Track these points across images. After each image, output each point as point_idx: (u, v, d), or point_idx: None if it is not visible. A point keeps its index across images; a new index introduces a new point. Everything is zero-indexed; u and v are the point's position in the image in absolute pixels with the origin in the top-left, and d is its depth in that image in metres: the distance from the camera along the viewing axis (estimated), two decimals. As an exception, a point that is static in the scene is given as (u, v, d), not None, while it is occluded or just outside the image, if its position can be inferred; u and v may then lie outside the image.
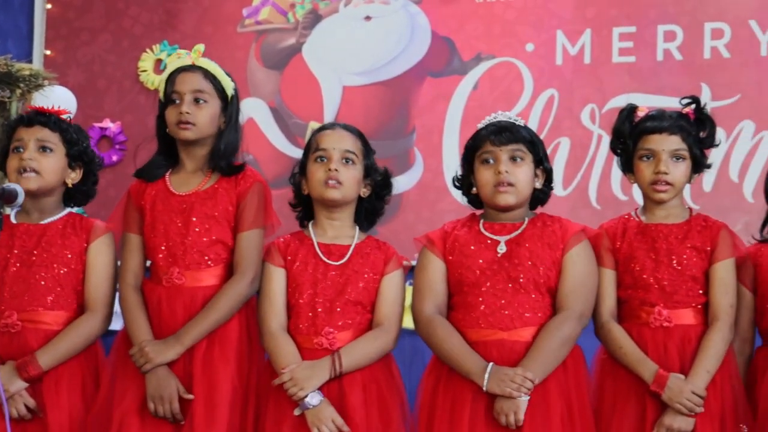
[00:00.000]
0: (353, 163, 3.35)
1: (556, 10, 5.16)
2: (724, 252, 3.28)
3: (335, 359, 3.23)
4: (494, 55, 5.23)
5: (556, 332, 3.17)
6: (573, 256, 3.25)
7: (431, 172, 5.25)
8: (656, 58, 5.04)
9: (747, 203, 4.80)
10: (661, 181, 3.28)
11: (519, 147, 3.25)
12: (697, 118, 3.34)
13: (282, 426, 3.23)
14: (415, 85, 5.32)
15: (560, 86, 5.14)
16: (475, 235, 3.29)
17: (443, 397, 3.19)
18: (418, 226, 4.92)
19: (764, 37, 4.93)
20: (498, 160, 3.25)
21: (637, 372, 3.20)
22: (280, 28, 5.51)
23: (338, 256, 3.36)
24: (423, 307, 3.28)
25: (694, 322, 3.25)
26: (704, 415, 3.16)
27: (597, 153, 5.07)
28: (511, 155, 3.25)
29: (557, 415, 3.13)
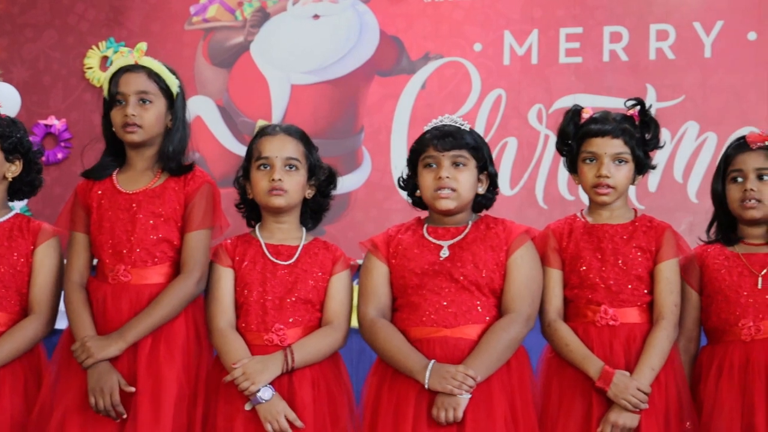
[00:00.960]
0: (296, 168, 3.35)
1: (503, 11, 5.19)
2: (668, 252, 3.30)
3: (287, 354, 3.23)
4: (442, 55, 5.25)
5: (502, 334, 3.18)
6: (517, 259, 3.26)
7: (379, 171, 5.26)
8: (602, 59, 5.09)
9: (691, 203, 4.86)
10: (602, 185, 3.31)
11: (461, 153, 3.26)
12: (641, 120, 3.37)
13: (234, 422, 3.21)
14: (364, 84, 5.32)
15: (508, 86, 5.17)
16: (418, 239, 3.30)
17: (387, 397, 3.19)
18: (366, 225, 4.94)
19: (708, 39, 4.99)
20: (440, 165, 3.25)
21: (584, 369, 3.22)
22: (228, 26, 5.49)
23: (287, 256, 3.35)
24: (366, 310, 3.28)
25: (639, 320, 3.28)
26: (648, 412, 3.18)
27: (544, 153, 5.10)
28: (454, 161, 3.25)
29: (500, 415, 3.14)
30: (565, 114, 3.41)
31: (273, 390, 3.19)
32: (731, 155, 3.38)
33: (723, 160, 3.41)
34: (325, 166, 3.44)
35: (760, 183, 3.31)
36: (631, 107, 3.37)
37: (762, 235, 3.36)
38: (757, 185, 3.31)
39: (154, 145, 3.39)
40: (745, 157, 3.34)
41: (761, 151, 3.34)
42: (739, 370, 3.23)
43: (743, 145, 3.37)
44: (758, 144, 3.35)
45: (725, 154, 3.42)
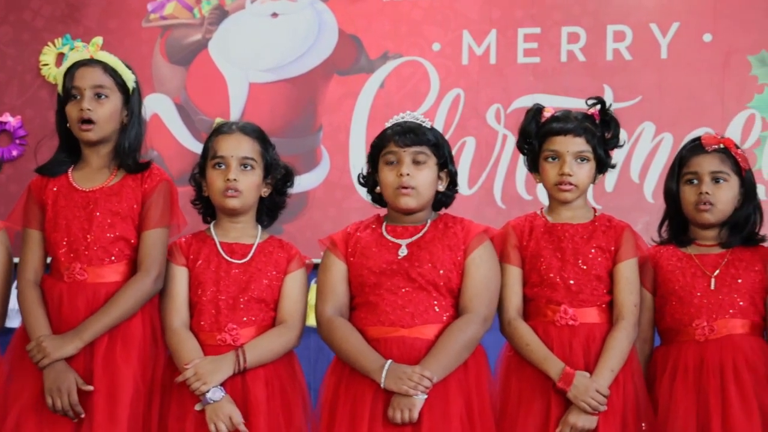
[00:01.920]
0: (252, 168, 3.34)
1: (462, 11, 5.20)
2: (627, 252, 3.32)
3: (239, 354, 3.22)
4: (401, 54, 5.25)
5: (459, 334, 3.18)
6: (476, 259, 3.26)
7: (338, 170, 5.25)
8: (560, 59, 5.11)
9: (647, 203, 4.89)
10: (565, 182, 3.32)
11: (423, 149, 3.26)
12: (602, 119, 3.39)
13: (184, 422, 3.20)
14: (322, 83, 5.31)
15: (466, 86, 5.18)
16: (377, 237, 3.29)
17: (344, 396, 3.19)
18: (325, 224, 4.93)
19: (664, 40, 5.03)
20: (401, 161, 3.25)
21: (543, 369, 3.23)
22: (186, 23, 5.46)
23: (241, 255, 3.34)
24: (324, 308, 3.28)
25: (599, 320, 3.29)
26: (607, 413, 3.19)
27: (502, 153, 5.12)
28: (414, 158, 3.25)
29: (456, 415, 3.14)
30: (526, 113, 3.43)
31: (223, 391, 3.19)
32: (686, 157, 3.41)
33: (677, 161, 3.44)
34: (282, 165, 3.43)
35: (714, 186, 3.34)
36: (591, 106, 3.39)
37: (714, 237, 3.39)
38: (712, 188, 3.33)
39: (109, 141, 3.37)
40: (700, 159, 3.37)
41: (716, 153, 3.37)
42: (694, 370, 3.26)
43: (698, 147, 3.39)
44: (713, 146, 3.38)
45: (680, 155, 3.44)
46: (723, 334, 3.26)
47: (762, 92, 4.93)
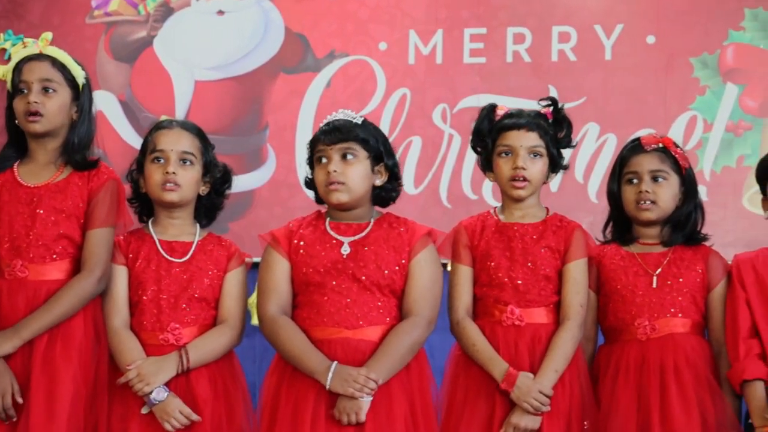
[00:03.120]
0: (191, 163, 3.31)
1: (408, 10, 5.21)
2: (577, 252, 3.34)
3: (182, 354, 3.20)
4: (348, 53, 5.26)
5: (405, 337, 3.17)
6: (420, 261, 3.25)
7: (284, 168, 5.24)
8: (506, 60, 5.14)
9: (591, 204, 4.93)
10: (518, 177, 3.33)
11: (350, 145, 3.22)
12: (554, 118, 3.41)
13: (128, 423, 3.18)
14: (269, 82, 5.30)
15: (412, 85, 5.19)
16: (320, 234, 3.27)
17: (286, 396, 3.16)
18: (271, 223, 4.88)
19: (609, 41, 5.08)
20: (329, 159, 3.24)
21: (488, 370, 3.23)
22: (131, 20, 5.42)
23: (181, 253, 3.31)
24: (267, 306, 3.24)
25: (546, 321, 3.31)
26: (552, 414, 3.20)
27: (448, 152, 5.14)
28: (342, 153, 3.24)
29: (400, 416, 3.13)
30: (480, 112, 3.43)
31: (167, 390, 3.17)
32: (626, 157, 3.44)
33: (618, 161, 3.47)
34: (221, 165, 3.42)
35: (654, 185, 3.37)
36: (545, 106, 3.41)
37: (656, 235, 3.42)
38: (652, 187, 3.37)
39: (57, 137, 3.33)
40: (640, 159, 3.40)
41: (655, 153, 3.40)
42: (635, 369, 3.28)
43: (638, 147, 3.43)
44: (652, 146, 3.41)
45: (620, 155, 3.47)
46: (664, 333, 3.29)
47: (704, 94, 4.99)
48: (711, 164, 4.95)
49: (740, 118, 4.96)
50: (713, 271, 3.37)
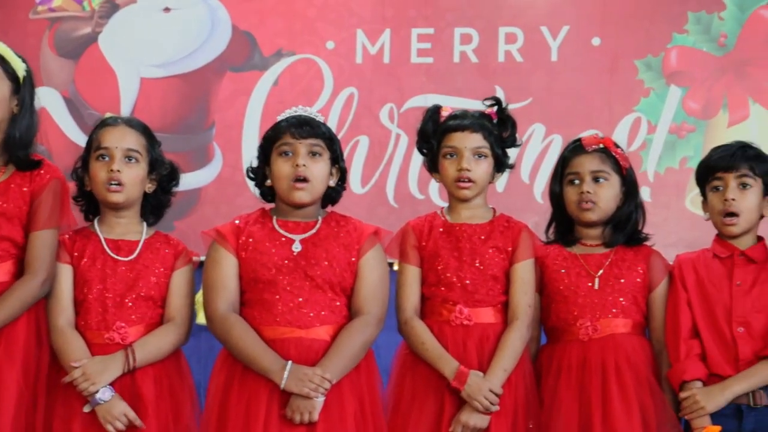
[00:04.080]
0: (136, 161, 3.28)
1: (356, 9, 5.21)
2: (524, 253, 3.35)
3: (128, 353, 3.17)
4: (295, 52, 5.25)
5: (357, 335, 3.18)
6: (369, 260, 3.26)
7: (230, 167, 5.22)
8: (453, 60, 5.16)
9: (537, 204, 4.97)
10: (463, 178, 3.34)
11: (318, 142, 3.23)
12: (499, 118, 3.42)
13: (71, 424, 3.14)
14: (215, 79, 5.27)
15: (360, 85, 5.19)
16: (269, 232, 3.25)
17: (238, 396, 3.15)
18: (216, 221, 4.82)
19: (555, 43, 5.12)
20: (297, 153, 3.22)
21: (438, 368, 3.24)
22: (75, 16, 5.37)
23: (127, 252, 3.28)
24: (216, 304, 3.21)
25: (494, 320, 3.32)
26: (499, 413, 3.22)
27: (395, 152, 5.15)
28: (310, 150, 3.23)
29: (351, 415, 3.14)
30: (424, 113, 3.44)
31: (113, 391, 3.14)
32: (568, 158, 3.46)
33: (560, 162, 3.49)
34: (167, 162, 3.39)
35: (596, 185, 3.40)
36: (489, 106, 3.43)
37: (598, 236, 3.44)
38: (593, 188, 3.39)
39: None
40: (582, 159, 3.42)
41: (596, 153, 3.42)
42: (577, 369, 3.30)
43: (579, 147, 3.45)
44: (593, 146, 3.44)
45: (562, 156, 3.49)
46: (606, 333, 3.32)
47: (648, 96, 5.05)
48: (654, 165, 5.01)
49: (683, 120, 5.02)
50: (654, 272, 3.41)
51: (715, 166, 3.39)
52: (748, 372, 3.26)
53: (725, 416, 3.23)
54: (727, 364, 3.28)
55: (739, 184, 3.35)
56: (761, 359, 3.27)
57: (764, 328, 3.29)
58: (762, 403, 3.24)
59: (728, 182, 3.35)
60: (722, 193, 3.35)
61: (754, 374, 3.26)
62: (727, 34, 5.02)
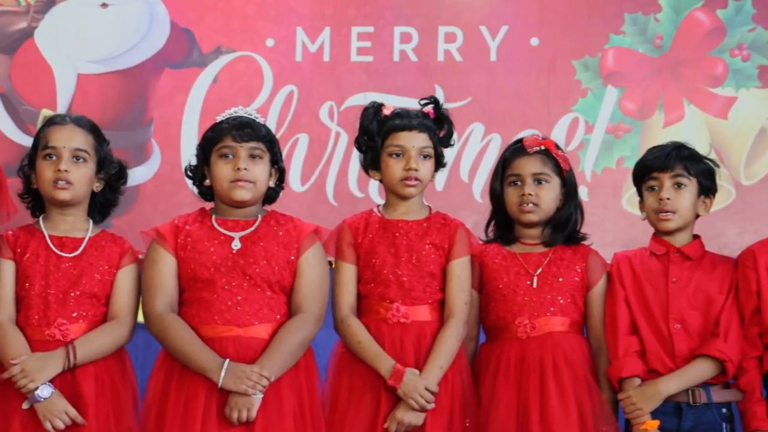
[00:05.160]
0: (84, 161, 3.28)
1: (295, 7, 5.20)
2: (460, 250, 3.38)
3: (69, 350, 3.15)
4: (234, 49, 5.22)
5: (296, 333, 3.19)
6: (309, 258, 3.27)
7: (169, 164, 5.19)
8: (392, 59, 5.17)
9: (476, 203, 4.99)
10: (411, 177, 3.36)
11: (259, 145, 3.25)
12: (436, 117, 3.44)
13: (11, 421, 3.12)
14: (154, 76, 5.23)
15: (300, 83, 5.18)
16: (207, 230, 3.26)
17: (176, 395, 3.15)
18: (155, 219, 4.85)
19: (494, 43, 5.15)
20: (237, 156, 3.23)
21: (375, 366, 3.25)
22: (11, 10, 5.29)
23: (71, 249, 3.27)
24: (154, 303, 3.22)
25: (430, 318, 3.34)
26: (435, 411, 3.24)
27: (335, 150, 5.14)
28: (251, 153, 3.24)
29: (289, 413, 3.15)
30: (365, 110, 3.44)
31: (53, 388, 3.12)
32: (509, 158, 3.49)
33: (501, 162, 3.51)
34: (116, 160, 3.38)
35: (537, 187, 3.43)
36: (425, 105, 3.44)
37: (537, 236, 3.48)
38: (535, 189, 3.42)
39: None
40: (523, 161, 3.45)
41: (538, 155, 3.46)
42: (515, 366, 3.33)
43: (520, 149, 3.48)
44: (535, 148, 3.47)
45: (503, 157, 3.52)
46: (544, 331, 3.35)
47: (586, 96, 5.09)
48: (592, 165, 5.06)
49: (620, 120, 5.07)
50: (592, 271, 3.45)
51: (651, 166, 3.44)
52: (684, 370, 3.31)
53: (665, 414, 3.28)
54: (665, 361, 3.33)
55: (674, 184, 3.41)
56: (697, 357, 3.32)
57: (700, 326, 3.35)
58: (701, 401, 3.30)
59: (663, 182, 3.40)
60: (658, 193, 3.41)
61: (689, 372, 3.32)
62: (663, 36, 5.08)
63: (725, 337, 3.32)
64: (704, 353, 3.31)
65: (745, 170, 4.98)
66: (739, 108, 5.03)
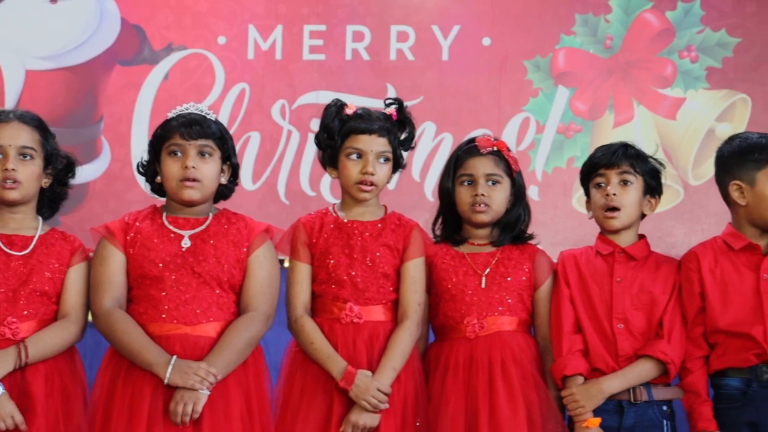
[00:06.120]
0: (31, 158, 3.25)
1: (248, 5, 5.19)
2: (414, 251, 3.38)
3: (21, 349, 3.13)
4: (186, 46, 5.20)
5: (243, 332, 3.18)
6: (259, 257, 3.26)
7: (119, 161, 5.15)
8: (345, 57, 5.17)
9: (428, 202, 5.00)
10: (367, 182, 3.36)
11: (208, 143, 3.24)
12: (399, 119, 3.44)
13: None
14: (104, 73, 5.19)
15: (252, 80, 5.17)
16: (158, 228, 3.24)
17: (122, 392, 3.13)
18: (105, 217, 4.82)
19: (446, 42, 5.16)
20: (186, 154, 3.22)
21: (327, 368, 3.25)
22: (-43, 6, 5.23)
23: (21, 247, 3.24)
24: (102, 300, 3.20)
25: (384, 318, 3.34)
26: (388, 411, 3.24)
27: (287, 148, 5.14)
28: (200, 150, 3.23)
29: (237, 413, 3.14)
30: (327, 108, 3.42)
31: (2, 388, 3.09)
32: (462, 158, 3.49)
33: (453, 161, 3.52)
34: (63, 154, 3.35)
35: (489, 188, 3.44)
36: (389, 105, 3.44)
37: (486, 236, 3.49)
38: (487, 190, 3.44)
39: None
40: (476, 161, 3.46)
41: (491, 156, 3.47)
42: (464, 366, 3.34)
43: (474, 149, 3.48)
44: (487, 149, 3.48)
45: (455, 156, 3.52)
46: (492, 330, 3.36)
47: (536, 96, 5.13)
48: (543, 165, 5.09)
49: (571, 120, 5.11)
50: (539, 270, 3.47)
51: (598, 163, 3.47)
52: (626, 370, 3.34)
53: (607, 412, 3.31)
54: (608, 360, 3.36)
55: (620, 181, 3.44)
56: (639, 358, 3.36)
57: (643, 326, 3.38)
58: (642, 399, 3.33)
59: (610, 178, 3.44)
60: (604, 189, 3.44)
61: (632, 372, 3.34)
62: (613, 37, 5.13)
63: (669, 338, 3.35)
64: (648, 354, 3.34)
65: (693, 171, 5.04)
66: (687, 109, 5.09)
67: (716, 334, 3.35)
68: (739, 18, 5.07)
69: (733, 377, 3.32)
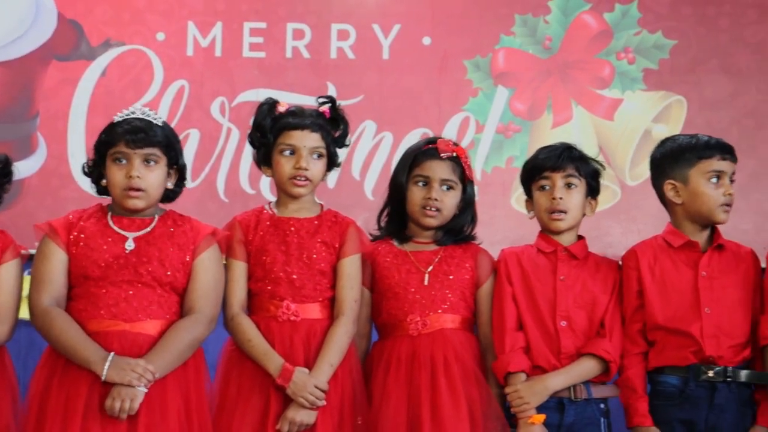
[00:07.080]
0: None
1: (187, 1, 5.15)
2: (351, 248, 3.39)
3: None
4: (124, 42, 5.15)
5: (185, 334, 3.16)
6: (204, 261, 3.25)
7: (55, 158, 5.09)
8: (285, 55, 5.15)
9: (367, 200, 5.01)
10: (300, 176, 3.35)
11: (153, 151, 3.21)
12: (331, 116, 3.44)
13: None
14: (40, 68, 5.12)
15: (191, 77, 5.13)
16: (102, 228, 3.22)
17: (57, 390, 3.09)
18: (40, 213, 4.76)
19: (386, 41, 5.17)
20: (130, 162, 3.19)
21: (264, 365, 3.24)
22: None
23: (-50, 246, 3.19)
24: (41, 298, 3.17)
25: (320, 316, 3.34)
26: (325, 408, 3.25)
27: (226, 146, 5.11)
28: (145, 158, 3.20)
29: (174, 412, 3.12)
30: (260, 107, 3.43)
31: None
32: (420, 158, 3.49)
33: (411, 159, 3.51)
34: (1, 156, 3.32)
35: (443, 193, 3.46)
36: (322, 104, 3.44)
37: (430, 235, 3.51)
38: (441, 195, 3.45)
39: None
40: (434, 165, 3.47)
41: (449, 161, 3.48)
42: (406, 363, 3.35)
43: (434, 151, 3.49)
44: (447, 154, 3.49)
45: (414, 154, 3.51)
46: (435, 328, 3.38)
47: (476, 96, 5.15)
48: (482, 164, 5.11)
49: (510, 120, 5.14)
50: (481, 269, 3.49)
51: (543, 166, 3.49)
52: (570, 368, 3.38)
53: (548, 409, 3.34)
54: (551, 357, 3.39)
55: (565, 184, 3.47)
56: (582, 356, 3.39)
57: (585, 325, 3.42)
58: (582, 396, 3.37)
59: (555, 181, 3.46)
60: (549, 192, 3.46)
61: (576, 370, 3.38)
62: (552, 38, 5.16)
63: (610, 337, 3.39)
64: (591, 352, 3.37)
65: (630, 171, 5.09)
66: (624, 110, 5.14)
67: (655, 330, 3.40)
68: (676, 20, 5.14)
69: (671, 375, 3.37)
